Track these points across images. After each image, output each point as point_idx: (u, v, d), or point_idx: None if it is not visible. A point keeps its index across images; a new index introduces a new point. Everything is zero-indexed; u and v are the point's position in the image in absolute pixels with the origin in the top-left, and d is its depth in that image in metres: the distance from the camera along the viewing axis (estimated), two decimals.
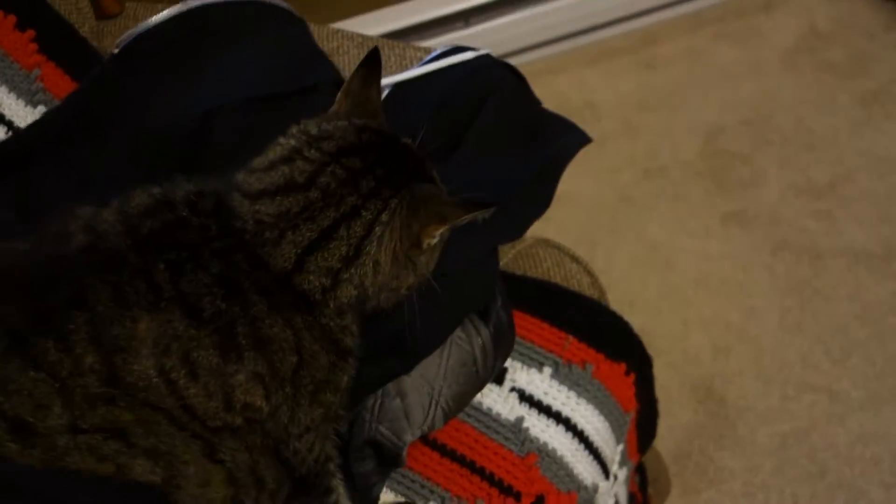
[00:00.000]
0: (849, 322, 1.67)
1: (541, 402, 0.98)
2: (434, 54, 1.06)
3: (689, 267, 1.80)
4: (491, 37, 2.04)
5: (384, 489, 0.89)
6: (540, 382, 0.99)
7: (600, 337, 1.03)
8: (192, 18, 0.99)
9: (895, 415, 1.54)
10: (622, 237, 1.87)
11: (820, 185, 1.91)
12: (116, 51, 1.00)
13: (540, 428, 0.96)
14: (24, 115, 1.02)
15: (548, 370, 1.00)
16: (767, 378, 1.61)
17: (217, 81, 0.95)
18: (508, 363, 0.99)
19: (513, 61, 1.10)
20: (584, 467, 0.98)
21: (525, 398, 0.98)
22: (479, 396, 0.96)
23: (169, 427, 0.66)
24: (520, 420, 0.96)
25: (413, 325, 0.79)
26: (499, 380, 0.98)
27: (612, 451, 1.03)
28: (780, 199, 1.90)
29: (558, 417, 0.97)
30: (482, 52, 1.06)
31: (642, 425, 1.13)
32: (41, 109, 1.03)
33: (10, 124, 1.01)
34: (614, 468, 1.05)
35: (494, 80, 1.03)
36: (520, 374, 0.99)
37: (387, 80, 1.01)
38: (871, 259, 1.77)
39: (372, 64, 0.80)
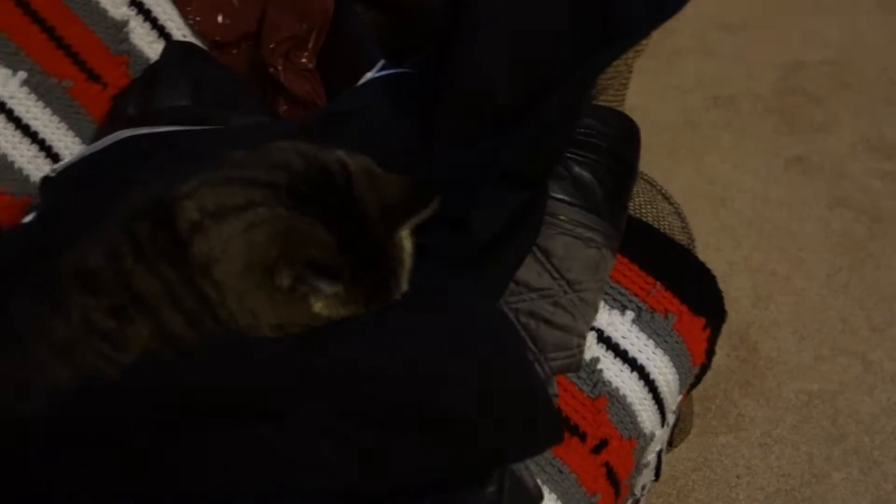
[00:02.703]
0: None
1: (618, 345, 0.95)
2: None
3: (745, 207, 1.74)
4: None
5: None
6: (620, 325, 0.95)
7: (687, 288, 0.99)
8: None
9: None
10: (681, 163, 1.80)
11: (892, 144, 1.84)
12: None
13: (614, 372, 0.94)
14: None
15: (630, 314, 0.96)
16: (804, 334, 1.59)
17: None
18: None
19: None
20: (647, 416, 0.96)
21: (603, 339, 0.94)
22: None
23: None
24: (595, 361, 0.93)
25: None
26: None
27: (674, 401, 1.01)
28: (848, 152, 1.83)
29: (633, 364, 0.95)
30: None
31: (697, 375, 1.12)
32: None
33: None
34: (670, 417, 1.03)
35: None
36: (602, 314, 0.95)
37: None
38: None
39: None
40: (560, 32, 0.83)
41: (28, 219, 0.97)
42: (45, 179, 0.98)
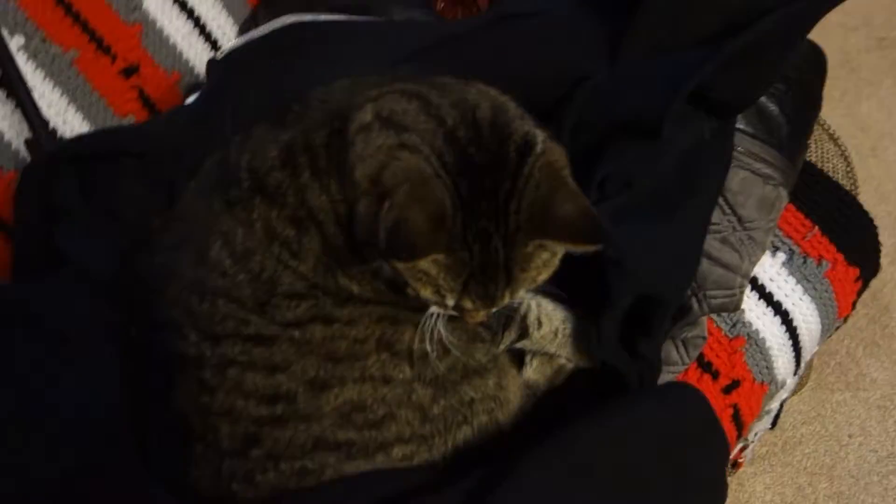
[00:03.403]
0: None
1: (763, 287, 0.91)
2: None
3: None
4: None
5: None
6: (769, 267, 0.91)
7: (845, 235, 0.93)
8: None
9: None
10: (833, 107, 1.69)
11: None
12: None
13: (756, 314, 0.90)
14: None
15: (781, 256, 0.92)
16: None
17: None
18: None
19: None
20: (783, 363, 0.93)
21: (748, 279, 0.91)
22: None
23: None
24: None
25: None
26: None
27: (811, 351, 0.97)
28: None
29: (777, 308, 0.91)
30: None
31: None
32: None
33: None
34: (803, 366, 0.99)
35: None
36: None
37: None
38: None
39: None
40: None
41: (191, 99, 0.98)
42: (212, 62, 0.98)
